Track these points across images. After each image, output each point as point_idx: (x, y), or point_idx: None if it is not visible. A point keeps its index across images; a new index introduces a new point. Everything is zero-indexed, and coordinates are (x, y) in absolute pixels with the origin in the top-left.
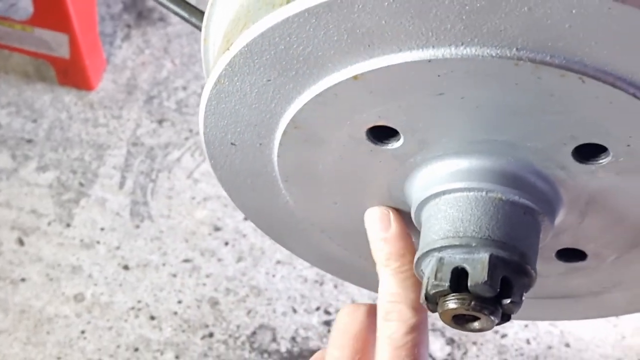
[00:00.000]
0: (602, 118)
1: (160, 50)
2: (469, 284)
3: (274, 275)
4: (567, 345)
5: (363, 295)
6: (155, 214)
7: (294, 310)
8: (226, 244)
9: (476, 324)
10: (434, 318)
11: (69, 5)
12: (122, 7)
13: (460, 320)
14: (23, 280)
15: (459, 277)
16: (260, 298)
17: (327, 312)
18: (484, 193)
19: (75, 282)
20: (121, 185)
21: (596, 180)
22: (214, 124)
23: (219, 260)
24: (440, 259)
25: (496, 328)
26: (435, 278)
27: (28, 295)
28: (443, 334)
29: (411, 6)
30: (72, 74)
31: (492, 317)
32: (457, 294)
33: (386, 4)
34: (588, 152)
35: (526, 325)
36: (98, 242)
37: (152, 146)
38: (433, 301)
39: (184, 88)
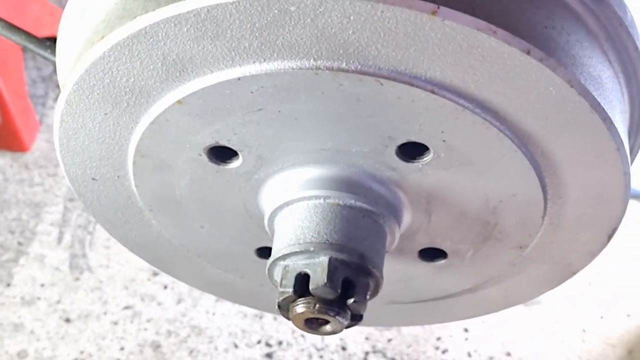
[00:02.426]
0: (410, 117)
1: None
2: (310, 288)
3: (214, 314)
4: (509, 354)
5: None
6: (94, 265)
7: (236, 346)
8: (165, 287)
9: (328, 327)
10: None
11: None
12: (53, 69)
13: (313, 325)
14: None
15: (302, 282)
16: (202, 337)
17: (268, 345)
18: (322, 200)
19: (17, 340)
20: (59, 240)
21: (427, 177)
22: (71, 161)
23: (159, 304)
24: (285, 267)
25: (436, 344)
26: (281, 285)
27: None
28: (384, 355)
29: (208, 30)
30: (5, 137)
31: (339, 318)
32: (302, 298)
33: (185, 29)
34: (412, 151)
35: (466, 339)
36: (39, 298)
37: None
38: (285, 308)
39: None
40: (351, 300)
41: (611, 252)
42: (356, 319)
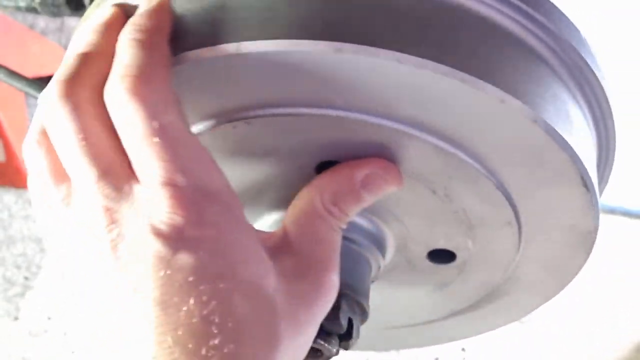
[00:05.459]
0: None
1: None
2: None
3: None
4: None
5: None
6: None
7: None
8: None
9: (320, 354)
10: None
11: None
12: None
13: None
14: None
15: None
16: None
17: None
18: None
19: None
20: (64, 273)
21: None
22: None
23: None
24: None
25: None
26: None
27: None
28: None
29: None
30: (9, 174)
31: (327, 346)
32: None
33: None
34: None
35: (464, 358)
36: (45, 331)
37: None
38: None
39: None
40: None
41: (605, 269)
42: (347, 338)
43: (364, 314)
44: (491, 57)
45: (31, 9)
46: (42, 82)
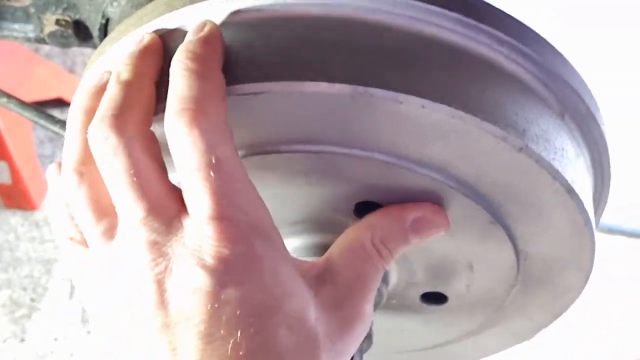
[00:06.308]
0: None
1: None
2: None
3: None
4: None
5: None
6: None
7: None
8: None
9: None
10: None
11: (5, 137)
12: None
13: None
14: None
15: None
16: None
17: None
18: None
19: None
20: (71, 294)
21: None
22: None
23: None
24: None
25: None
26: None
27: None
28: None
29: None
30: (15, 197)
31: None
32: None
33: None
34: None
35: None
36: (52, 352)
37: None
38: None
39: None
40: None
41: (605, 288)
42: None
43: (368, 340)
44: (492, 97)
45: (40, 40)
46: (50, 115)
